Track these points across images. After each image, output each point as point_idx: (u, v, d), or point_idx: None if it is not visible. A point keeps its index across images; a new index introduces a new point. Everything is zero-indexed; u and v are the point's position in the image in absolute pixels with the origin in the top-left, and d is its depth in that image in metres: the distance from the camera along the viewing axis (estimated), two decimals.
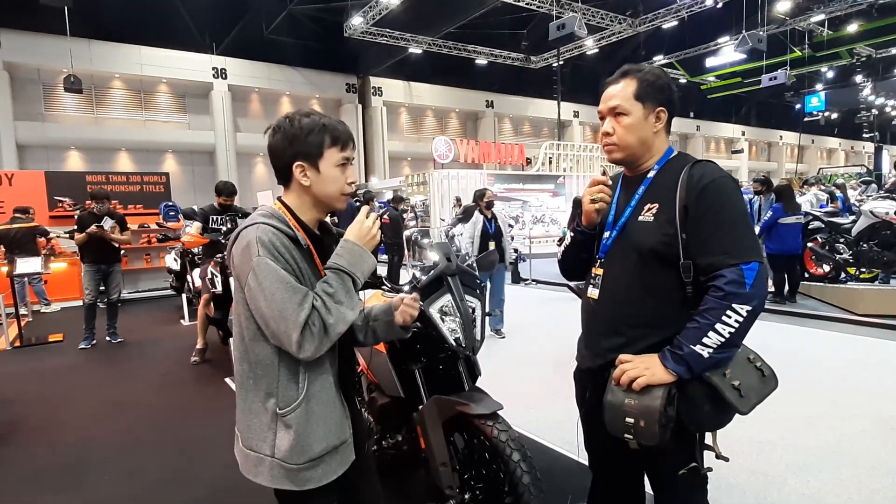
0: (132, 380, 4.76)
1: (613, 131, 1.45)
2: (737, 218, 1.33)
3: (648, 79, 1.43)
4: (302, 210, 1.38)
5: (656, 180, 1.44)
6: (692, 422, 1.32)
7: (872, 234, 6.46)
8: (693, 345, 1.28)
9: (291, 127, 1.33)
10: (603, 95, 1.48)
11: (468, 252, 5.05)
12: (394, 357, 2.17)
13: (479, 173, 15.48)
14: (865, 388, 3.86)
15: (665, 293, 1.39)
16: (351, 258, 1.31)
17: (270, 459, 1.30)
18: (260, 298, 1.22)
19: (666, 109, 1.44)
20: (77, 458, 3.18)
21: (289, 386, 1.29)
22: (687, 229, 1.34)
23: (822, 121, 26.26)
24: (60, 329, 6.71)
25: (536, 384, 4.19)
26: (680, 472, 1.39)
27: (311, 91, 22.01)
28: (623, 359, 1.36)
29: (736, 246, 1.29)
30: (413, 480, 2.54)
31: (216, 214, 5.19)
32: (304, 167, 1.34)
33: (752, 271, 1.26)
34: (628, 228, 1.46)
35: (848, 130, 33.85)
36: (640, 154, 1.46)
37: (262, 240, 1.24)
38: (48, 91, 17.65)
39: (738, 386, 1.30)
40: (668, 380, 1.29)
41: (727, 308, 1.26)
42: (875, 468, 2.72)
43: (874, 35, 21.27)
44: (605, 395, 1.36)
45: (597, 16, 19.43)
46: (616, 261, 1.47)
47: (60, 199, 9.42)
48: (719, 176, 1.36)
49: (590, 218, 1.51)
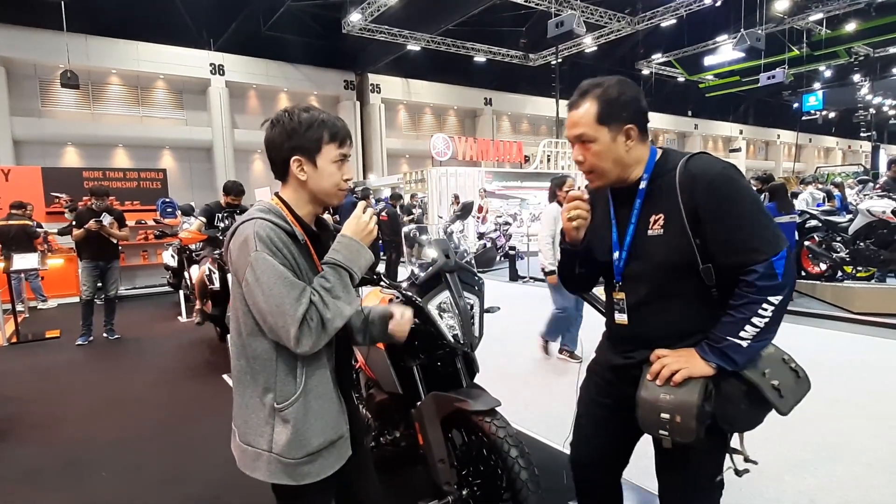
0: (129, 376, 4.75)
1: (584, 159, 1.39)
2: (752, 209, 1.27)
3: (610, 96, 1.33)
4: (299, 205, 1.38)
5: (651, 189, 1.38)
6: (726, 420, 1.29)
7: (869, 232, 6.48)
8: (731, 337, 1.26)
9: (290, 121, 1.32)
10: (567, 120, 1.41)
11: (546, 255, 4.45)
12: (392, 354, 2.17)
13: (478, 171, 15.47)
14: (862, 385, 3.88)
15: (691, 300, 1.35)
16: (348, 253, 1.32)
17: (268, 454, 1.30)
18: (258, 293, 1.22)
19: (635, 125, 1.36)
20: (75, 455, 3.18)
21: (286, 381, 1.30)
22: (701, 234, 1.28)
23: (819, 120, 26.31)
24: (57, 326, 6.70)
25: (535, 381, 4.20)
26: (717, 478, 1.39)
27: (309, 88, 21.95)
28: (660, 353, 1.33)
29: (761, 240, 1.24)
30: (411, 477, 2.55)
31: (220, 212, 5.14)
32: (302, 162, 1.33)
33: (781, 261, 1.23)
34: (638, 246, 1.39)
35: (845, 129, 33.91)
36: (620, 174, 1.40)
37: (259, 235, 1.23)
38: (45, 86, 17.57)
39: (777, 386, 1.28)
40: (708, 372, 1.27)
41: (763, 301, 1.24)
42: (871, 465, 2.73)
43: (872, 34, 21.32)
44: (639, 392, 1.32)
45: (595, 14, 19.41)
46: (636, 281, 1.41)
47: (57, 195, 9.38)
48: (720, 168, 1.30)
49: (571, 236, 1.48)
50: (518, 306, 7.28)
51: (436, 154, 16.52)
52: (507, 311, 2.65)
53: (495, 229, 12.56)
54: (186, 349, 5.63)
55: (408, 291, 2.03)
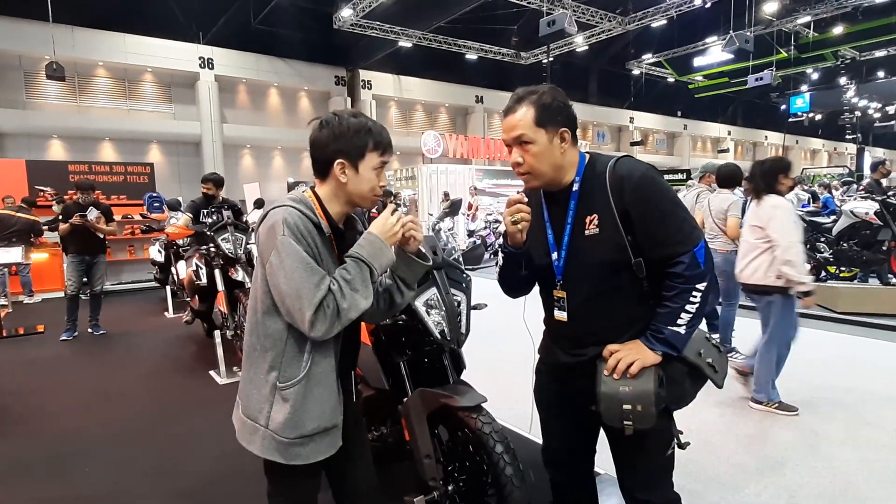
0: (115, 372, 4.71)
1: (523, 160, 1.45)
2: (673, 207, 1.40)
3: (545, 102, 1.42)
4: (331, 203, 1.45)
5: (583, 191, 1.47)
6: (674, 400, 1.43)
7: (852, 233, 6.59)
8: (671, 326, 1.39)
9: (339, 125, 1.40)
10: (504, 125, 1.49)
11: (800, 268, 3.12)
12: (379, 349, 2.18)
13: (468, 168, 15.49)
14: (842, 383, 3.95)
15: (628, 293, 1.45)
16: (372, 249, 1.38)
17: (264, 430, 1.37)
18: (280, 275, 1.30)
19: (568, 129, 1.45)
20: (60, 450, 3.15)
21: (292, 363, 1.37)
22: (632, 231, 1.39)
23: (806, 122, 26.61)
24: (42, 320, 6.61)
25: (521, 377, 4.22)
26: (668, 452, 1.50)
27: (299, 83, 21.79)
28: (612, 348, 1.42)
29: (683, 234, 1.38)
30: (397, 472, 2.56)
31: (206, 208, 5.12)
32: (345, 165, 1.40)
33: (701, 251, 1.38)
34: (576, 246, 1.48)
35: (831, 132, 34.31)
36: (555, 176, 1.48)
37: (287, 221, 1.31)
38: (30, 78, 17.27)
39: (711, 363, 1.47)
40: (656, 360, 1.39)
41: (692, 290, 1.38)
42: (849, 461, 2.79)
43: (858, 38, 21.61)
44: (599, 388, 1.40)
45: (587, 13, 19.46)
46: (576, 280, 1.50)
47: (42, 189, 9.25)
48: (644, 169, 1.42)
49: (514, 239, 1.51)
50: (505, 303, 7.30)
51: (426, 151, 16.51)
52: (494, 307, 2.67)
53: (485, 227, 12.59)
54: (173, 345, 5.58)
55: None
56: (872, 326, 5.45)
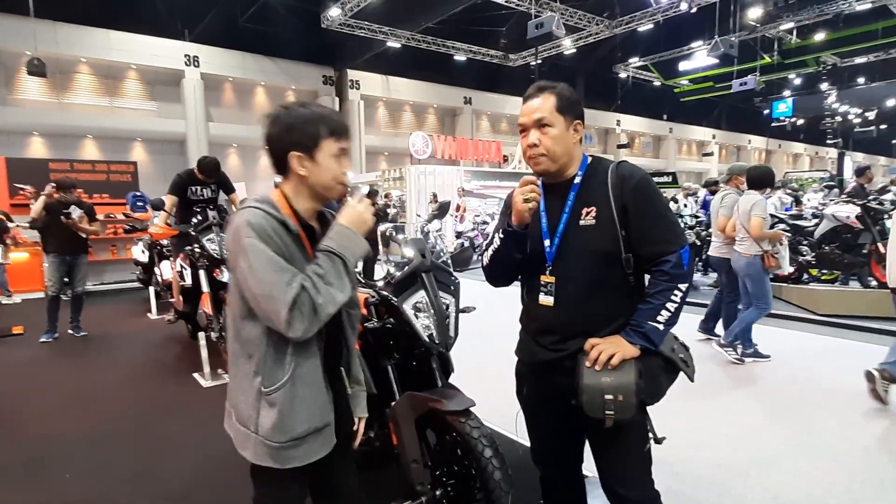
0: (96, 374, 4.62)
1: (540, 142, 1.52)
2: (666, 210, 1.53)
3: (565, 94, 1.54)
4: (298, 199, 1.41)
5: (584, 185, 1.55)
6: (649, 393, 1.48)
7: (834, 237, 6.70)
8: (650, 321, 1.47)
9: (289, 117, 1.37)
10: (523, 109, 1.58)
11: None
12: (367, 353, 2.15)
13: (456, 169, 15.49)
14: (825, 385, 4.00)
15: (615, 286, 1.53)
16: (341, 240, 1.34)
17: (255, 436, 1.35)
18: (250, 279, 1.26)
19: (581, 122, 1.57)
20: (38, 454, 3.08)
21: (275, 366, 1.34)
22: (626, 225, 1.48)
23: (788, 126, 27.10)
24: (21, 321, 6.46)
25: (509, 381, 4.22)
26: (646, 447, 1.57)
27: (286, 82, 21.63)
28: (593, 342, 1.48)
29: (672, 234, 1.49)
30: (385, 477, 2.53)
31: (195, 185, 4.89)
32: (302, 157, 1.36)
33: (686, 254, 1.47)
34: (571, 234, 1.55)
35: (813, 136, 34.99)
36: (565, 163, 1.56)
37: (251, 222, 1.28)
38: (10, 74, 16.91)
39: (683, 358, 1.56)
40: (635, 353, 1.46)
41: (674, 288, 1.47)
42: (832, 462, 2.83)
43: (839, 44, 22.01)
44: (581, 381, 1.45)
45: (574, 16, 19.60)
46: (566, 267, 1.55)
47: (21, 187, 9.06)
48: (643, 173, 1.53)
49: (521, 217, 1.53)
50: (494, 306, 7.30)
51: (415, 152, 16.49)
52: (482, 310, 2.66)
53: (473, 228, 12.59)
54: (156, 346, 5.50)
55: (383, 290, 2.02)
56: (853, 328, 5.54)
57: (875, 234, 6.24)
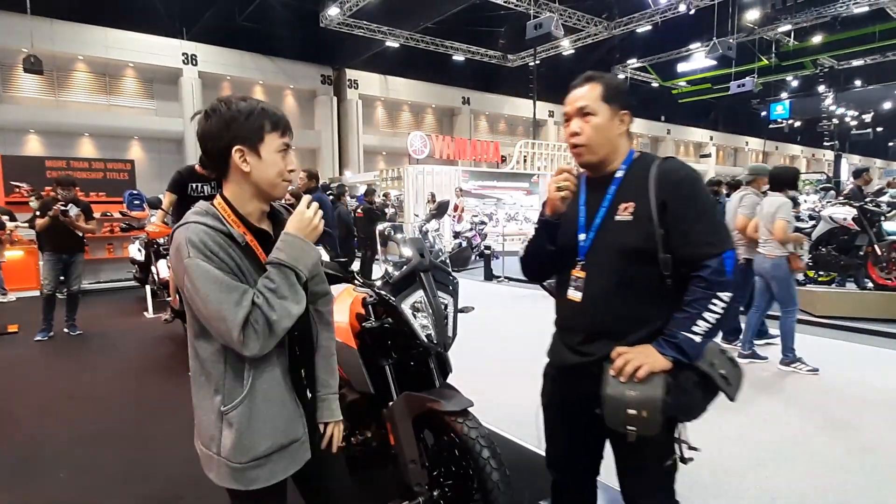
0: (91, 373, 4.60)
1: (581, 131, 1.47)
2: (710, 209, 1.42)
3: (613, 83, 1.49)
4: (242, 202, 1.31)
5: (626, 179, 1.48)
6: (682, 410, 1.39)
7: (831, 238, 6.71)
8: (685, 332, 1.35)
9: (228, 110, 1.25)
10: (568, 98, 1.52)
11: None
12: (364, 353, 2.15)
13: (454, 170, 15.47)
14: (820, 386, 4.01)
15: (648, 288, 1.43)
16: (292, 251, 1.25)
17: (217, 458, 1.29)
18: (196, 300, 1.19)
19: (629, 113, 1.51)
20: (30, 453, 3.06)
21: (234, 383, 1.27)
22: (665, 223, 1.38)
23: (785, 128, 27.17)
24: (16, 320, 6.43)
25: (508, 381, 4.22)
26: (667, 463, 1.47)
27: (284, 81, 21.60)
28: (620, 350, 1.38)
29: (715, 236, 1.37)
30: (382, 477, 2.53)
31: (196, 181, 4.81)
32: (244, 151, 1.26)
33: (729, 259, 1.35)
34: (606, 229, 1.47)
35: (810, 138, 35.07)
36: (608, 155, 1.50)
37: (191, 241, 1.19)
38: (6, 71, 16.86)
39: (725, 374, 1.40)
40: (666, 366, 1.34)
41: (713, 297, 1.34)
42: (827, 463, 2.83)
43: (837, 47, 22.13)
44: (604, 390, 1.36)
45: (573, 17, 19.63)
46: (598, 262, 1.48)
47: (17, 185, 9.02)
48: (689, 170, 1.44)
49: (554, 206, 1.50)
50: (492, 306, 7.31)
51: (413, 152, 16.47)
52: (481, 310, 2.66)
53: (471, 228, 12.60)
54: (151, 345, 5.48)
55: (381, 290, 2.01)
56: (849, 329, 5.55)
57: (872, 236, 6.25)
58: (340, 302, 2.35)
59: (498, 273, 9.84)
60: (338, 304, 2.34)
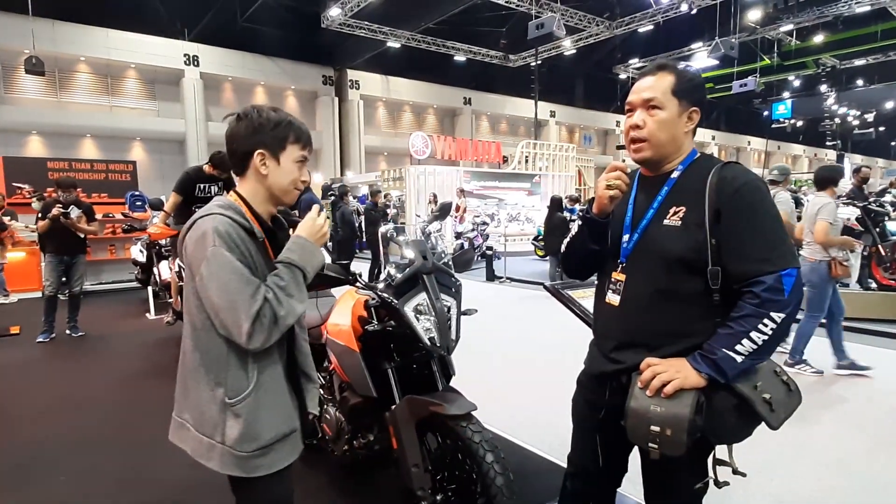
0: (92, 375, 4.59)
1: (644, 124, 1.36)
2: (772, 222, 1.28)
3: (687, 76, 1.37)
4: (256, 202, 1.41)
5: (681, 181, 1.37)
6: (715, 433, 1.28)
7: None
8: (726, 349, 1.22)
9: (259, 117, 1.37)
10: (635, 87, 1.41)
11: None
12: (367, 356, 2.13)
13: (456, 170, 15.47)
14: (824, 388, 3.99)
15: (691, 301, 1.32)
16: (302, 253, 1.36)
17: (221, 447, 1.33)
18: (212, 288, 1.25)
19: (699, 111, 1.39)
20: (29, 457, 3.05)
21: (238, 376, 1.33)
22: (718, 234, 1.26)
23: (788, 128, 27.09)
24: (18, 321, 6.43)
25: (511, 384, 4.21)
26: (696, 485, 1.36)
27: (286, 82, 21.62)
28: (651, 362, 1.29)
29: (774, 252, 1.24)
30: (385, 481, 2.52)
31: (203, 182, 4.77)
32: (265, 156, 1.37)
33: (790, 278, 1.22)
34: (652, 233, 1.38)
35: (812, 138, 35.00)
36: (668, 153, 1.39)
37: (218, 230, 1.26)
38: (8, 72, 16.90)
39: (769, 399, 1.26)
40: (699, 384, 1.23)
41: (764, 316, 1.21)
42: (832, 465, 2.81)
43: (838, 46, 22.10)
44: (629, 402, 1.28)
45: (575, 17, 19.62)
46: (639, 266, 1.40)
47: (19, 186, 9.03)
48: (752, 178, 1.31)
49: (602, 205, 1.40)
50: (495, 307, 7.30)
51: (414, 152, 16.47)
52: (484, 312, 2.64)
53: (473, 229, 12.58)
54: (153, 347, 5.47)
55: (384, 293, 1.99)
56: (853, 331, 5.52)
57: (875, 236, 6.23)
58: (342, 304, 2.33)
59: (500, 274, 9.83)
60: (340, 307, 2.33)
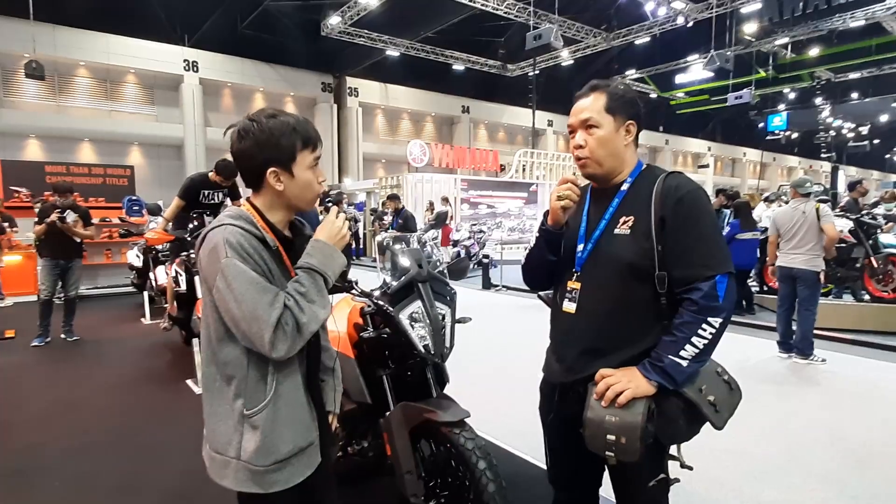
0: (87, 380, 4.58)
1: (585, 143, 1.45)
2: (712, 230, 1.37)
3: (618, 92, 1.46)
4: (271, 212, 1.36)
5: (630, 193, 1.46)
6: (666, 437, 1.36)
7: None
8: (672, 356, 1.31)
9: (261, 131, 1.29)
10: (573, 109, 1.50)
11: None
12: (362, 362, 2.15)
13: (454, 178, 15.53)
14: (815, 399, 4.02)
15: (641, 306, 1.40)
16: (322, 257, 1.31)
17: (236, 462, 1.29)
18: (230, 300, 1.21)
19: (635, 123, 1.47)
20: (24, 463, 3.04)
21: (257, 387, 1.29)
22: (663, 241, 1.35)
23: (783, 140, 27.31)
24: (13, 325, 6.41)
25: (504, 391, 4.22)
26: (650, 483, 1.42)
27: (285, 88, 21.68)
28: (605, 373, 1.36)
29: (712, 258, 1.34)
30: (378, 488, 2.52)
31: (207, 189, 4.79)
32: (278, 173, 1.31)
33: (723, 283, 1.32)
34: (604, 242, 1.46)
35: (807, 150, 35.24)
36: (613, 166, 1.47)
37: (229, 241, 1.22)
38: (7, 76, 16.90)
39: (713, 401, 1.35)
40: (650, 391, 1.31)
41: (703, 322, 1.31)
42: (824, 476, 2.83)
43: (833, 60, 22.35)
44: (585, 413, 1.35)
45: (572, 28, 19.80)
46: (593, 275, 1.47)
47: (16, 189, 9.03)
48: (694, 187, 1.40)
49: (555, 216, 1.49)
50: (490, 315, 7.31)
51: (412, 160, 16.53)
52: (479, 320, 2.66)
53: (469, 237, 12.60)
54: (149, 352, 5.46)
55: (379, 300, 2.01)
56: (846, 342, 5.56)
57: (868, 248, 6.28)
58: (338, 311, 2.35)
59: (496, 282, 9.84)
60: (336, 314, 2.35)
